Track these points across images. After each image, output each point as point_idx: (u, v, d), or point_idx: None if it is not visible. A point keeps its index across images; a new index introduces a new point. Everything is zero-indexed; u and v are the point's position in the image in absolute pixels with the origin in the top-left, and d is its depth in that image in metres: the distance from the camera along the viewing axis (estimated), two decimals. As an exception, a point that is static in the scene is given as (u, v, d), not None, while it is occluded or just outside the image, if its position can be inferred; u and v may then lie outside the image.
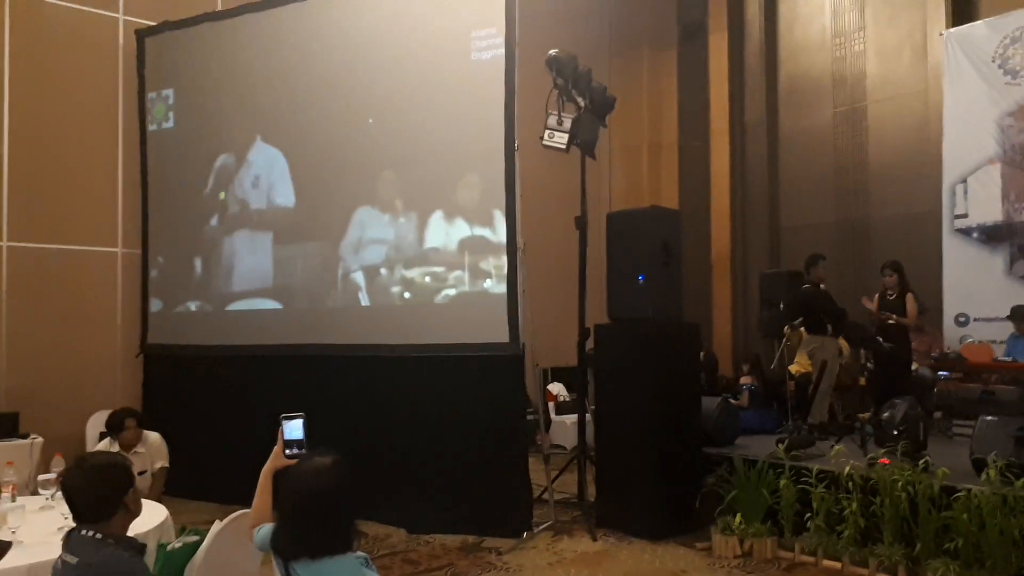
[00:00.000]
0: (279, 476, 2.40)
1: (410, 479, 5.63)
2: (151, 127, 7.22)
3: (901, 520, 4.44)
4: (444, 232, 5.81)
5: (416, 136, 5.90)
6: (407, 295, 5.97)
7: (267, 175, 6.61)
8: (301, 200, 6.46)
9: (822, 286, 6.78)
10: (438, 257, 5.83)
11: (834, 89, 9.29)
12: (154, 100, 7.22)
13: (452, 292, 5.81)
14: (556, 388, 9.06)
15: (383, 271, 6.04)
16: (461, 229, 5.76)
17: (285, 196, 6.52)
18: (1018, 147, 7.35)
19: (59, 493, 3.52)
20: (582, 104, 5.61)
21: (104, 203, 7.15)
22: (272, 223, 6.60)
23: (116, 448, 4.77)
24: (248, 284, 6.68)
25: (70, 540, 2.22)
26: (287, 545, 2.14)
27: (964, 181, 7.68)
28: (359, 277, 6.14)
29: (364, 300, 6.14)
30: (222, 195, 6.81)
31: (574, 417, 7.82)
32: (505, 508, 5.39)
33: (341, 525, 2.13)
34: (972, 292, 7.56)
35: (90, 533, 2.19)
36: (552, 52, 5.54)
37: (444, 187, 5.83)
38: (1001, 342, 7.02)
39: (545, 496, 5.73)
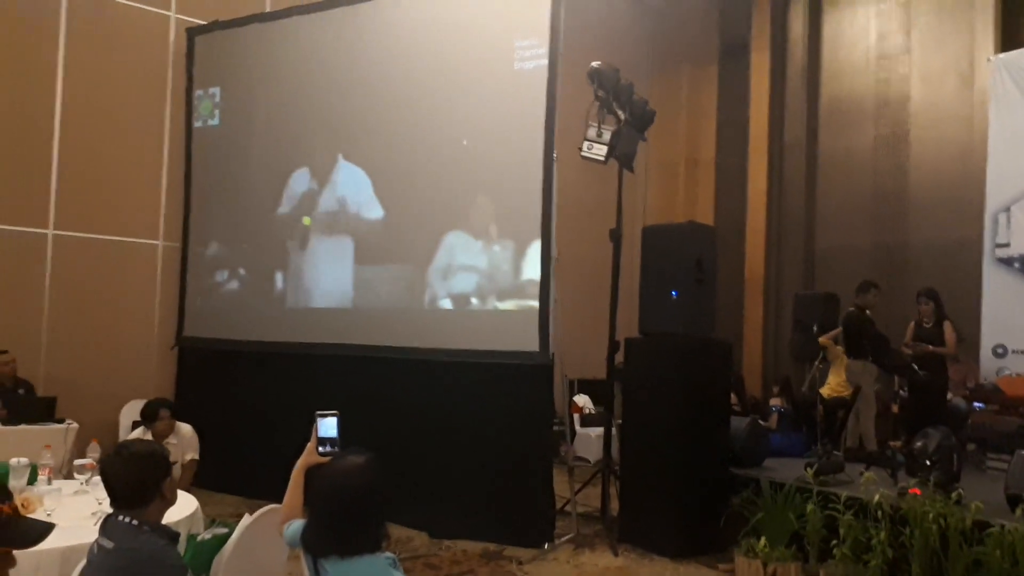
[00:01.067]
0: (311, 473, 2.42)
1: (435, 483, 5.65)
2: (197, 124, 7.37)
3: (931, 553, 4.34)
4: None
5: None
6: (447, 302, 5.99)
7: (355, 195, 6.52)
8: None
9: (868, 312, 6.71)
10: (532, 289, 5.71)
11: (876, 112, 9.18)
12: (201, 97, 7.37)
13: (486, 299, 5.84)
14: (582, 400, 9.04)
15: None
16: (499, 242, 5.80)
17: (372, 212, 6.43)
18: (1065, 177, 7.20)
19: (94, 478, 3.61)
20: (622, 117, 5.62)
21: (148, 196, 7.31)
22: (356, 241, 6.49)
23: (149, 437, 4.85)
24: (327, 302, 6.62)
25: (107, 525, 2.26)
26: (317, 542, 2.16)
27: (1007, 210, 7.52)
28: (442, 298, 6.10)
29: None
30: (307, 220, 6.74)
31: (599, 430, 7.80)
32: (528, 518, 5.39)
33: (372, 525, 2.14)
34: (1011, 323, 7.39)
35: (127, 519, 2.23)
36: (595, 64, 5.56)
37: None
38: (1040, 375, 6.86)
39: (568, 508, 5.71)
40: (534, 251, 5.60)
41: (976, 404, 6.65)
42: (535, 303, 5.56)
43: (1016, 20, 8.13)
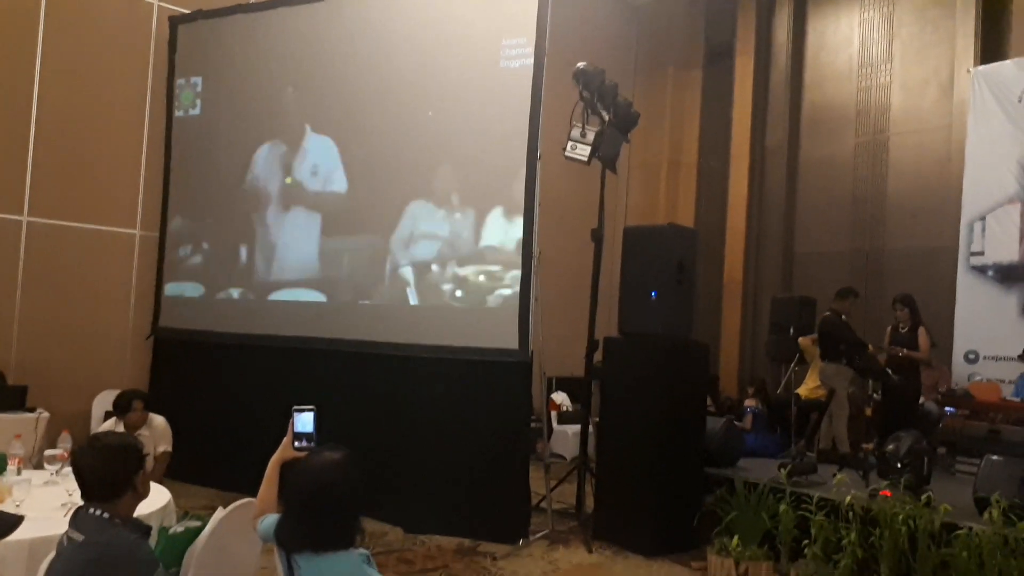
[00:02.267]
0: (287, 468, 2.42)
1: (410, 478, 5.65)
2: (178, 113, 7.29)
3: (899, 554, 4.41)
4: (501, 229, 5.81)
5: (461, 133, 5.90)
6: (428, 297, 5.98)
7: (324, 163, 6.53)
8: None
9: (844, 318, 6.79)
10: (492, 255, 5.79)
11: (857, 119, 9.27)
12: (182, 86, 7.29)
13: (466, 295, 5.84)
14: (560, 397, 9.07)
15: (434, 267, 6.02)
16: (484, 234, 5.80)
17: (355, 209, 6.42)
18: (1040, 189, 7.33)
19: (64, 469, 3.57)
20: (606, 118, 5.64)
21: (126, 185, 7.21)
22: (321, 212, 6.51)
23: (121, 429, 4.80)
24: (294, 274, 6.60)
25: (77, 517, 2.24)
26: (291, 537, 2.16)
27: (983, 219, 7.65)
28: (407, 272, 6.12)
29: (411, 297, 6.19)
30: (288, 179, 6.71)
31: (576, 427, 7.84)
32: (503, 514, 5.40)
33: (346, 521, 2.14)
34: (983, 330, 7.53)
35: (98, 512, 2.20)
36: (580, 65, 5.57)
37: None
38: (1010, 381, 6.98)
39: (543, 504, 5.73)
40: (516, 249, 5.61)
41: (947, 409, 6.75)
42: (515, 300, 5.57)
43: (996, 33, 8.24)
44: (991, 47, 8.18)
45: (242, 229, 6.87)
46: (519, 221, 5.64)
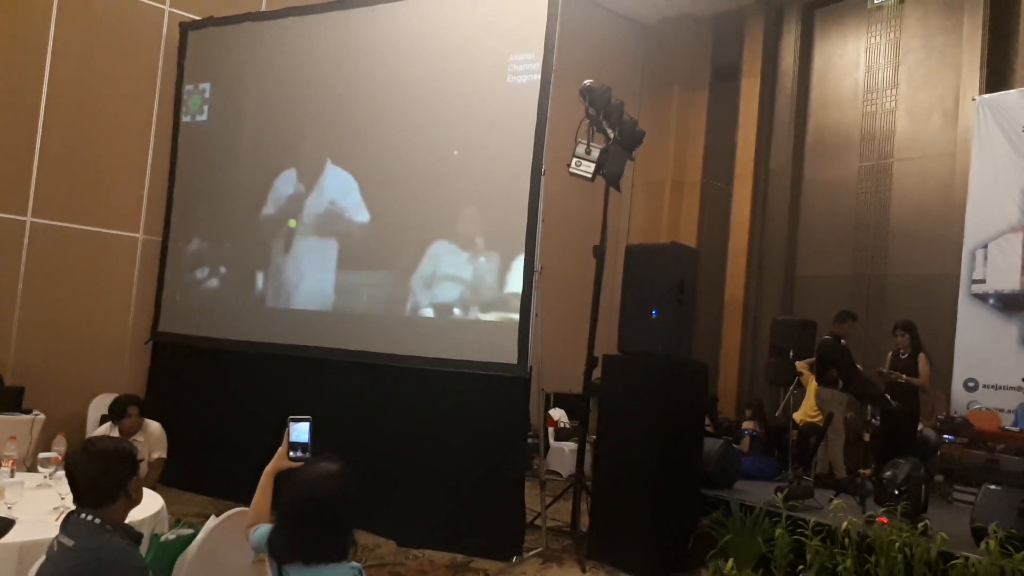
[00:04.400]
0: (281, 478, 2.41)
1: (405, 491, 5.61)
2: (185, 118, 7.32)
3: (895, 582, 4.39)
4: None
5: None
6: (429, 310, 5.97)
7: (342, 199, 6.46)
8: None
9: (843, 341, 6.78)
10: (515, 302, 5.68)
11: (861, 144, 9.30)
12: (191, 92, 7.32)
13: (468, 310, 5.83)
14: (557, 414, 9.03)
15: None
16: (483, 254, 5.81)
17: (359, 218, 6.37)
18: (1042, 218, 7.34)
19: (58, 472, 3.55)
20: (611, 136, 5.65)
21: (131, 188, 7.23)
22: (341, 244, 6.43)
23: (116, 433, 4.79)
24: (307, 304, 6.55)
25: (68, 522, 2.23)
26: (283, 548, 2.15)
27: (985, 247, 7.66)
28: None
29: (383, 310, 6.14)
30: (292, 223, 6.66)
31: (572, 444, 7.81)
32: (497, 530, 5.36)
33: (339, 533, 2.13)
34: (983, 358, 7.51)
35: (89, 517, 2.19)
36: (587, 82, 5.59)
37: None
38: (1009, 411, 6.96)
39: (538, 522, 5.70)
40: (518, 264, 5.60)
41: (946, 436, 6.73)
42: (516, 315, 5.56)
43: (1002, 62, 8.28)
44: (996, 76, 8.22)
45: (259, 256, 6.79)
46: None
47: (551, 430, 8.70)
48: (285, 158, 6.75)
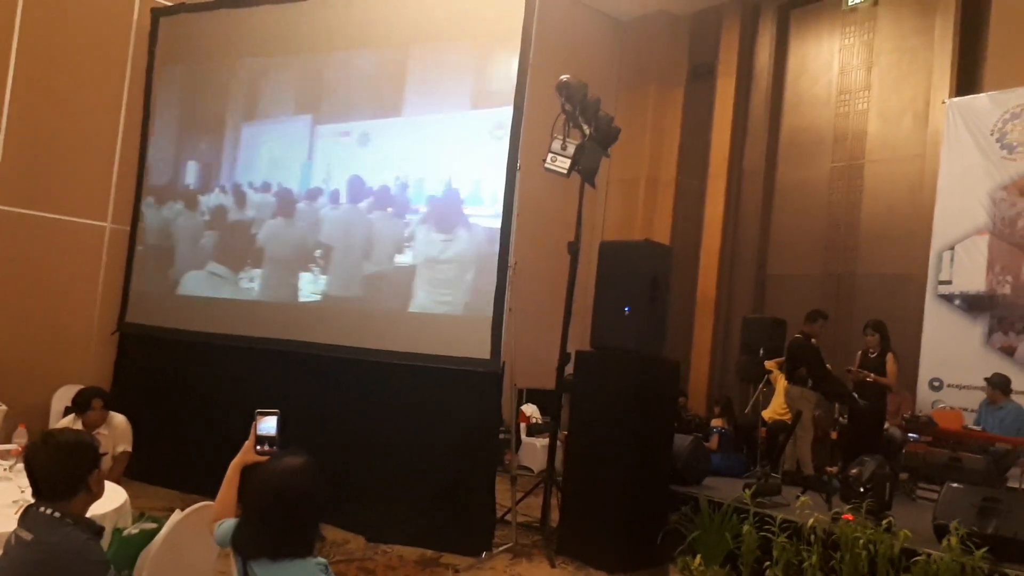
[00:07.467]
0: (247, 472, 2.37)
1: (374, 486, 5.58)
2: (156, 105, 7.18)
3: (859, 578, 4.45)
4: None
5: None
6: (402, 303, 5.94)
7: (312, 187, 6.49)
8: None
9: (813, 341, 6.85)
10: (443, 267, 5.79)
11: (834, 145, 9.40)
12: (162, 78, 7.19)
13: (440, 303, 5.80)
14: (530, 409, 9.04)
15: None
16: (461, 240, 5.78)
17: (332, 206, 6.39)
18: (1008, 220, 7.46)
19: (18, 465, 3.47)
20: (587, 132, 5.65)
21: (99, 176, 7.09)
22: (310, 237, 6.44)
23: (79, 426, 4.70)
24: (278, 298, 6.51)
25: (27, 516, 2.18)
26: (248, 543, 2.12)
27: (952, 248, 7.78)
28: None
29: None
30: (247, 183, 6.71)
31: (544, 440, 7.80)
32: (467, 526, 5.35)
33: (305, 529, 2.11)
34: (949, 358, 7.63)
35: (49, 511, 2.15)
36: (563, 78, 5.58)
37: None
38: (972, 410, 7.09)
39: (508, 517, 5.70)
40: (492, 259, 5.59)
41: (911, 435, 6.83)
42: (489, 311, 5.54)
43: (973, 66, 8.40)
44: (967, 80, 8.34)
45: (226, 245, 6.77)
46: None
47: (523, 425, 8.71)
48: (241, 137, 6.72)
